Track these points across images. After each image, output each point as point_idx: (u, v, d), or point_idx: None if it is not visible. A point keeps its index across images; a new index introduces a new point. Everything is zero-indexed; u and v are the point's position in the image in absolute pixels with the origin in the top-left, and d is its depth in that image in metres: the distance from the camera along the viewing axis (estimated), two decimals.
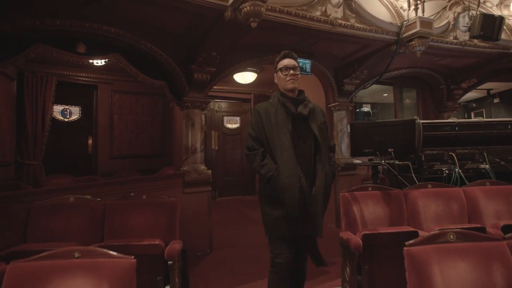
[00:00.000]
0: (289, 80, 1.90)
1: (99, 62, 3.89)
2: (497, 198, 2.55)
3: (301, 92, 1.98)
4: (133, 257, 1.42)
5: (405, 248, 1.51)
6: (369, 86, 4.71)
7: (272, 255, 1.87)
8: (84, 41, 2.72)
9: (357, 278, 2.21)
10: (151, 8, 2.46)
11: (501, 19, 3.44)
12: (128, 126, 5.50)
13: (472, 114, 8.05)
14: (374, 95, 7.74)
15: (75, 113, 5.24)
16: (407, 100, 6.43)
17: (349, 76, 4.31)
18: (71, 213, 2.34)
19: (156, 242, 2.07)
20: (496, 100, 7.11)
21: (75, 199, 2.40)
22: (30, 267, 1.39)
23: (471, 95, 8.04)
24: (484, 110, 7.63)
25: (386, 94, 7.26)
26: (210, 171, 3.64)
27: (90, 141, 5.31)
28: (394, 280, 2.02)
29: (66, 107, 5.14)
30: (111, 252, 1.42)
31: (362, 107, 6.59)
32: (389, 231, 2.20)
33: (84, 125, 5.28)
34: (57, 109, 5.06)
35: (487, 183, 2.67)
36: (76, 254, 1.42)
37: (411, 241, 1.53)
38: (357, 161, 3.82)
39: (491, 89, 6.99)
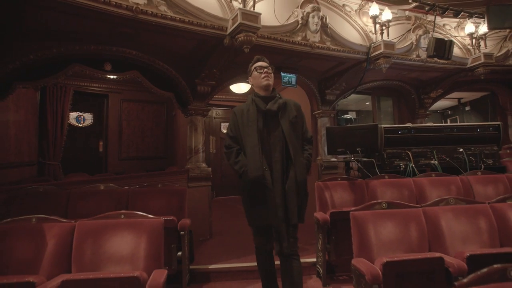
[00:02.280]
0: (264, 77, 2.04)
1: (111, 77, 4.54)
2: (440, 186, 3.22)
3: (273, 90, 2.11)
4: (161, 217, 2.05)
5: (350, 212, 2.16)
6: (348, 96, 5.39)
7: (253, 237, 2.15)
8: (110, 61, 3.37)
9: (327, 246, 2.85)
10: (164, 36, 3.12)
11: (451, 42, 4.16)
12: (135, 131, 6.13)
13: (448, 120, 8.81)
14: (358, 103, 8.46)
15: (88, 119, 5.85)
16: (389, 108, 7.14)
17: (330, 87, 4.99)
18: (101, 197, 2.96)
19: (172, 218, 2.69)
20: (467, 108, 7.87)
21: (104, 187, 3.03)
22: (92, 224, 2.01)
23: (446, 103, 8.81)
24: (458, 117, 8.39)
25: (368, 103, 7.96)
26: (210, 169, 4.27)
27: (101, 144, 5.91)
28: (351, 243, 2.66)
29: (80, 114, 5.76)
30: (147, 215, 2.05)
31: (347, 114, 7.31)
32: (350, 209, 2.85)
33: (96, 130, 5.90)
34: (72, 115, 5.67)
35: (433, 175, 3.34)
36: (122, 216, 2.05)
37: (355, 208, 2.19)
38: (333, 159, 4.49)
39: (462, 98, 7.75)
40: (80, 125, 5.77)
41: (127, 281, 1.64)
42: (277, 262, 2.17)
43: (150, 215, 2.05)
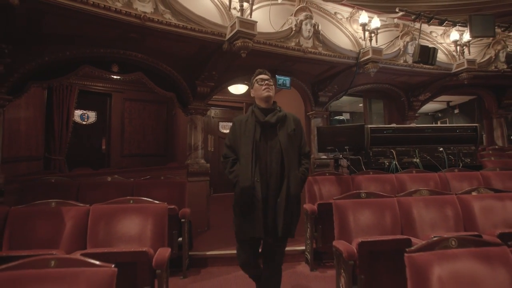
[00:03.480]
0: (264, 88, 2.06)
1: (115, 77, 4.79)
2: (419, 181, 3.50)
3: (274, 103, 2.13)
4: (165, 203, 2.33)
5: (333, 201, 2.44)
6: (340, 98, 5.68)
7: (237, 256, 2.11)
8: (117, 63, 3.64)
9: (314, 234, 3.13)
10: (168, 41, 3.39)
11: (434, 49, 4.46)
12: (136, 129, 6.39)
13: (439, 122, 9.14)
14: (352, 105, 8.79)
15: (91, 117, 6.11)
16: (380, 110, 7.44)
17: (323, 89, 5.28)
18: (108, 187, 3.23)
19: (173, 206, 2.96)
20: (456, 111, 8.20)
21: (111, 179, 3.29)
22: (105, 208, 2.28)
23: (437, 106, 9.15)
24: (447, 119, 8.71)
25: (361, 105, 8.29)
26: (208, 165, 4.54)
27: (104, 141, 6.17)
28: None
29: (84, 111, 6.01)
30: (153, 200, 2.32)
31: (340, 115, 7.60)
32: None
33: (99, 128, 6.15)
34: (77, 113, 5.92)
35: (414, 171, 3.63)
36: (131, 201, 2.32)
37: (338, 196, 2.48)
38: (323, 156, 4.77)
39: (451, 101, 8.07)
40: (84, 123, 6.03)
41: (137, 255, 1.92)
42: None
43: (156, 201, 2.32)
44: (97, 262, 1.29)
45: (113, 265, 1.28)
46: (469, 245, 1.48)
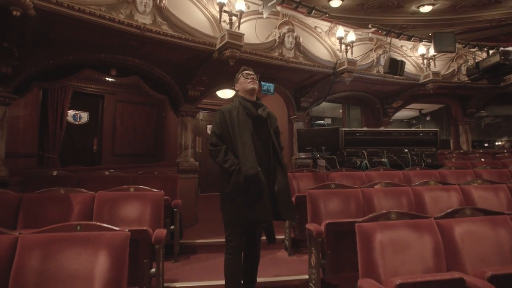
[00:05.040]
0: (250, 81, 2.19)
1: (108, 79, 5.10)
2: (385, 177, 3.93)
3: (258, 98, 2.26)
4: (162, 191, 2.68)
5: (307, 191, 2.85)
6: (320, 103, 6.15)
7: (227, 240, 2.18)
8: (115, 67, 3.96)
9: (292, 224, 3.53)
10: (163, 49, 3.74)
11: (402, 62, 5.01)
12: (128, 130, 6.66)
13: (413, 127, 9.80)
14: (333, 110, 9.33)
15: (84, 117, 6.34)
16: (358, 116, 7.99)
17: (304, 95, 5.74)
18: (107, 180, 3.52)
19: (167, 197, 3.29)
20: (428, 118, 8.87)
21: (109, 173, 3.60)
22: (108, 194, 2.61)
23: (412, 113, 9.84)
24: (420, 125, 9.38)
25: (341, 110, 8.85)
26: (197, 163, 4.89)
27: (95, 141, 6.40)
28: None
29: (77, 112, 6.24)
30: (151, 189, 2.67)
31: (322, 120, 8.09)
32: None
33: (91, 128, 6.38)
34: (70, 113, 6.14)
35: (381, 169, 4.11)
36: (132, 189, 2.66)
37: (312, 187, 2.89)
38: (303, 155, 5.21)
39: (422, 109, 8.73)
40: (77, 123, 6.25)
41: (140, 233, 2.25)
42: None
43: (154, 189, 2.66)
44: (115, 227, 1.64)
45: (127, 229, 1.64)
46: (405, 218, 1.92)
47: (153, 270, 2.25)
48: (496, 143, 9.15)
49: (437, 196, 2.98)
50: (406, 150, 4.41)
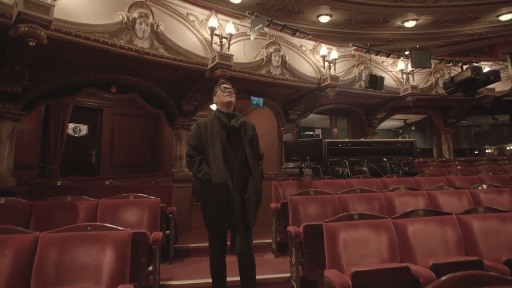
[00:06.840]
0: (227, 95, 2.30)
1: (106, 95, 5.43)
2: (365, 184, 4.30)
3: (234, 109, 2.35)
4: (158, 198, 2.99)
5: (288, 197, 3.19)
6: (307, 116, 6.53)
7: (208, 243, 2.37)
8: (115, 85, 4.32)
9: (278, 228, 3.84)
10: (160, 69, 4.10)
11: (381, 77, 5.43)
12: (125, 142, 6.97)
13: (400, 137, 10.23)
14: (322, 121, 9.73)
15: (83, 130, 6.65)
16: (345, 127, 8.38)
17: (293, 108, 6.12)
18: (108, 189, 3.81)
19: (162, 205, 3.59)
20: (413, 128, 9.30)
21: (109, 183, 3.90)
22: (110, 201, 2.92)
23: (397, 123, 10.28)
24: (406, 135, 9.81)
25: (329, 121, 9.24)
26: (191, 173, 5.19)
27: (94, 152, 6.70)
28: None
29: (77, 125, 6.55)
30: (148, 196, 2.98)
31: (311, 131, 8.47)
32: None
33: (90, 140, 6.68)
34: (70, 126, 6.44)
35: (361, 177, 4.45)
36: (131, 197, 2.97)
37: (293, 193, 3.22)
38: (290, 165, 5.56)
39: (407, 120, 9.17)
40: (76, 135, 6.55)
41: (139, 234, 2.55)
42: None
43: (151, 196, 2.98)
44: (119, 227, 1.95)
45: (129, 229, 1.95)
46: (366, 218, 2.25)
47: (150, 268, 2.54)
48: (486, 151, 9.63)
49: (406, 200, 3.32)
50: (385, 159, 4.77)
